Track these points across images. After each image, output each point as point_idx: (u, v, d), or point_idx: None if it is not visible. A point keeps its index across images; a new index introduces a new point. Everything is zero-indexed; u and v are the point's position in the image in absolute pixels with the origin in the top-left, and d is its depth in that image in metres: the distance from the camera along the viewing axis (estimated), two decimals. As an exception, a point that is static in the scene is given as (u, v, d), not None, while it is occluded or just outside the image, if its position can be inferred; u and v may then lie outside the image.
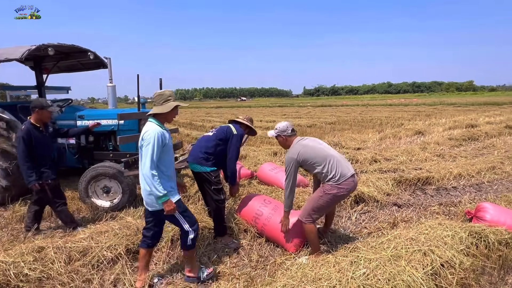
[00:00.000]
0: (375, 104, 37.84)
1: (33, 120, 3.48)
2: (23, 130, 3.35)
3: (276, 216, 3.31)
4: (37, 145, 3.41)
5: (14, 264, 2.67)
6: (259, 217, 3.43)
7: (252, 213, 3.50)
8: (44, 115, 3.52)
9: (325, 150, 2.98)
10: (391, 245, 2.69)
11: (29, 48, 4.32)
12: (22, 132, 3.33)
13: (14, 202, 4.54)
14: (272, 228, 3.29)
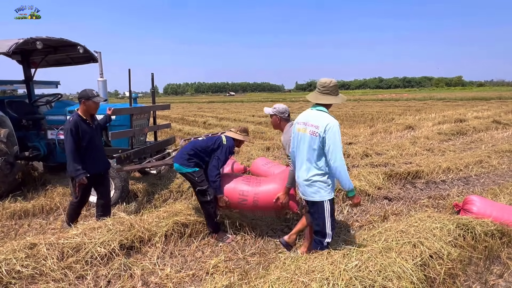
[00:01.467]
0: (367, 99, 38.17)
1: (80, 112, 3.40)
2: (71, 122, 3.27)
3: (264, 186, 3.26)
4: (84, 137, 3.33)
5: (5, 261, 2.64)
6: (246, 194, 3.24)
7: (236, 194, 3.27)
8: (90, 106, 3.41)
9: None
10: (382, 238, 2.76)
11: (17, 41, 4.23)
12: (70, 124, 3.25)
13: (3, 199, 4.47)
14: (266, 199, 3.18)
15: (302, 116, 2.63)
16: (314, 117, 2.49)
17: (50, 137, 4.93)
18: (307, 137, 2.48)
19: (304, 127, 2.52)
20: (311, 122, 2.48)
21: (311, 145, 2.44)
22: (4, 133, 4.50)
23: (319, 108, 2.54)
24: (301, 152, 2.53)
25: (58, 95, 5.85)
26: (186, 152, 3.34)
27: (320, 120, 2.43)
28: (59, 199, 4.48)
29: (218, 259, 3.00)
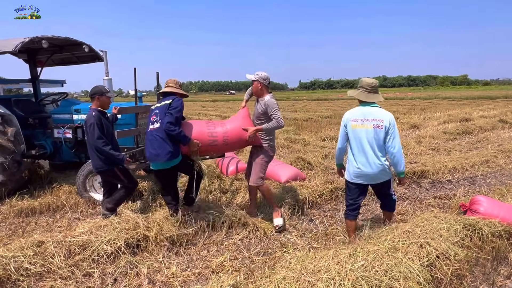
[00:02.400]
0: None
1: (96, 107, 3.48)
2: (95, 116, 3.34)
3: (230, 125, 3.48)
4: (104, 131, 3.41)
5: (14, 259, 2.67)
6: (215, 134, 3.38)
7: (206, 136, 3.36)
8: (104, 101, 3.53)
9: None
10: (388, 238, 2.74)
11: (23, 40, 4.25)
12: (94, 119, 3.31)
13: (11, 196, 4.51)
14: (235, 135, 3.43)
15: (355, 113, 2.92)
16: (373, 113, 2.85)
17: (56, 136, 4.96)
18: (370, 131, 2.81)
19: (364, 123, 2.84)
20: (372, 117, 2.83)
21: (376, 137, 2.80)
22: (11, 132, 4.54)
23: (373, 105, 2.91)
24: (363, 144, 2.84)
25: (63, 93, 5.89)
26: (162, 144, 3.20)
27: (383, 115, 2.83)
28: (65, 197, 4.52)
29: (224, 257, 3.01)
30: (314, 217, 3.96)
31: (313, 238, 3.45)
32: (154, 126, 3.27)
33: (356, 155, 2.90)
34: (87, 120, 3.38)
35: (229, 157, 5.96)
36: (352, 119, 2.92)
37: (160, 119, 3.22)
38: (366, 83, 2.95)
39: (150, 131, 3.30)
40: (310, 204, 4.16)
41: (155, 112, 3.33)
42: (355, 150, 2.90)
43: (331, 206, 4.23)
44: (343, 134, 3.00)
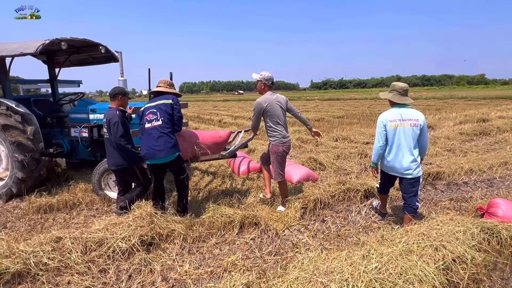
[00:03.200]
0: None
1: (117, 106, 3.62)
2: (118, 115, 3.48)
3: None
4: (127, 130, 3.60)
5: (33, 254, 2.76)
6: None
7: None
8: (125, 101, 3.72)
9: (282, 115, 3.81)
10: (402, 240, 2.70)
11: (43, 42, 4.38)
12: (118, 117, 3.45)
13: (30, 193, 4.65)
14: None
15: (392, 114, 3.23)
16: (409, 113, 3.20)
17: (73, 135, 5.08)
18: (408, 129, 3.15)
19: (401, 122, 3.17)
20: (408, 117, 3.18)
21: (413, 135, 3.15)
22: (30, 131, 4.68)
23: (407, 107, 3.27)
24: (402, 142, 3.17)
25: (80, 93, 6.03)
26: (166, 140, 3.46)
27: (417, 115, 3.20)
28: (81, 195, 4.63)
29: (236, 256, 3.03)
30: (326, 217, 3.93)
31: (325, 239, 3.43)
32: (155, 124, 3.47)
33: (392, 151, 3.23)
34: (111, 119, 3.47)
35: (241, 156, 5.99)
36: (390, 120, 3.21)
37: (161, 117, 3.46)
38: (399, 87, 3.31)
39: (154, 128, 3.47)
40: (322, 205, 4.14)
41: (151, 111, 3.51)
42: (392, 147, 3.23)
43: (344, 207, 4.19)
44: (383, 134, 3.25)
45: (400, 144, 3.17)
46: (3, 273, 2.58)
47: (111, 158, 3.62)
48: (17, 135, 4.54)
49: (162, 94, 3.72)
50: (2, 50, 4.56)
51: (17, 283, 2.60)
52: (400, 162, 3.19)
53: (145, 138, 3.53)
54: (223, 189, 5.00)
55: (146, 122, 3.51)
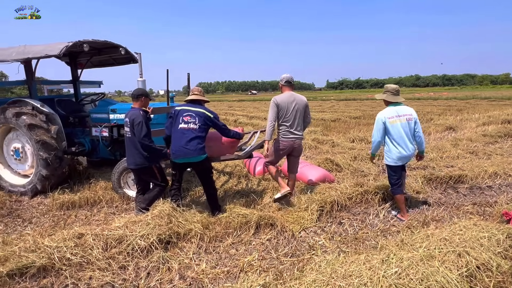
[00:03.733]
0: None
1: (140, 107, 3.75)
2: (142, 115, 3.61)
3: None
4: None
5: (57, 249, 2.86)
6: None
7: None
8: (147, 102, 3.87)
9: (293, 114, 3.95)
10: (423, 245, 2.63)
11: (67, 44, 4.53)
12: (142, 117, 3.58)
13: (53, 190, 4.83)
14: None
15: (390, 112, 3.72)
16: (403, 110, 3.75)
17: (94, 134, 5.23)
18: (405, 123, 3.68)
19: (399, 118, 3.68)
20: (403, 113, 3.72)
21: (409, 127, 3.70)
22: (54, 130, 4.86)
23: (401, 104, 3.82)
24: (403, 134, 3.67)
25: (101, 94, 6.20)
26: (201, 141, 3.65)
27: (410, 110, 3.80)
28: (101, 193, 4.76)
29: (252, 257, 3.04)
30: (343, 220, 3.88)
31: (343, 241, 3.39)
32: (191, 126, 3.66)
33: (398, 144, 3.69)
34: (134, 118, 3.56)
35: (257, 157, 6.00)
36: (389, 117, 3.69)
37: (199, 122, 3.68)
38: (391, 88, 3.87)
39: (189, 130, 3.63)
40: (339, 207, 4.08)
41: (190, 114, 3.70)
42: (396, 140, 3.69)
43: (361, 210, 4.13)
44: (382, 129, 3.73)
45: (401, 136, 3.68)
46: (29, 266, 2.69)
47: (131, 157, 3.70)
48: (42, 134, 4.71)
49: (196, 102, 3.89)
50: (29, 52, 4.74)
51: (42, 277, 2.70)
52: (408, 149, 3.71)
53: (177, 137, 3.65)
54: (239, 189, 5.02)
55: (182, 122, 3.65)
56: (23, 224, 4.06)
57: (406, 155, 3.72)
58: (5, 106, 4.90)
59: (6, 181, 5.13)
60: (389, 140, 3.74)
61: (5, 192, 5.05)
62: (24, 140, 4.96)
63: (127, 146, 3.74)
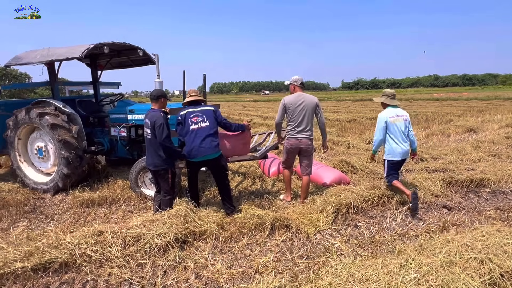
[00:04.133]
0: (420, 98, 35.65)
1: (159, 108, 3.84)
2: (163, 117, 3.68)
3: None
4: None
5: (78, 245, 2.95)
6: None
7: None
8: (166, 103, 3.97)
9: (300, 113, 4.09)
10: (443, 250, 2.57)
11: (88, 47, 4.67)
12: (163, 119, 3.65)
13: (74, 188, 4.98)
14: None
15: (391, 113, 4.16)
16: (400, 111, 4.22)
17: (113, 134, 5.37)
18: (401, 123, 4.13)
19: (397, 118, 4.13)
20: (400, 114, 4.18)
21: (405, 126, 4.15)
22: (75, 129, 5.01)
23: (397, 106, 4.28)
24: (401, 132, 4.11)
25: (120, 95, 6.35)
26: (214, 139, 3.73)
27: (404, 112, 4.26)
28: (120, 191, 4.87)
29: (267, 258, 3.04)
30: (359, 223, 3.83)
31: (359, 244, 3.34)
32: (201, 125, 3.74)
33: (398, 141, 4.11)
34: (155, 120, 3.61)
35: (271, 158, 6.00)
36: (390, 117, 4.13)
37: (208, 119, 3.76)
38: (389, 92, 4.32)
39: (200, 129, 3.71)
40: (355, 209, 4.03)
41: (196, 115, 3.78)
42: (397, 137, 4.11)
43: (378, 213, 4.06)
44: (384, 128, 4.13)
45: (401, 134, 4.12)
46: (52, 262, 2.79)
47: (150, 158, 3.76)
48: (64, 134, 4.87)
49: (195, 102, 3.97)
50: (52, 54, 4.92)
51: (64, 273, 2.79)
52: (406, 146, 4.16)
53: (190, 138, 3.71)
54: (254, 190, 5.03)
55: (191, 124, 3.73)
56: (46, 220, 4.20)
57: (406, 150, 4.16)
58: (29, 107, 5.09)
59: (30, 178, 5.33)
60: (390, 138, 4.14)
61: (29, 189, 5.25)
62: (47, 139, 5.14)
63: (147, 146, 3.80)
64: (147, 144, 3.80)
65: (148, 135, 3.73)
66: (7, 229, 3.88)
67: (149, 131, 3.68)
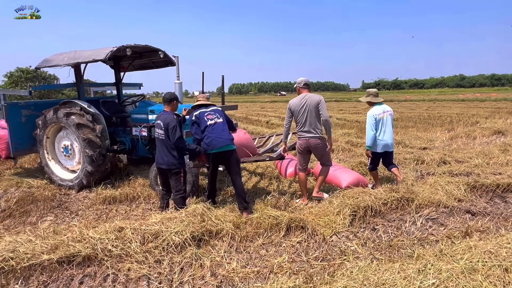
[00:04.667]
0: (444, 99, 34.40)
1: (171, 111, 4.01)
2: (176, 119, 3.85)
3: None
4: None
5: (100, 240, 3.07)
6: None
7: None
8: (177, 106, 4.15)
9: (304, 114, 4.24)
10: (464, 256, 2.48)
11: (112, 49, 4.85)
12: (176, 121, 3.82)
13: (97, 185, 5.18)
14: None
15: (378, 110, 4.67)
16: (386, 107, 4.75)
17: (134, 133, 5.54)
18: (387, 118, 4.64)
19: (384, 114, 4.64)
20: (386, 110, 4.71)
21: (391, 120, 4.68)
22: (99, 129, 5.21)
23: (382, 103, 4.80)
24: (387, 127, 4.62)
25: (141, 96, 6.54)
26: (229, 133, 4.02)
27: (389, 108, 4.79)
28: (140, 189, 5.02)
29: (282, 259, 3.04)
30: (377, 226, 3.76)
31: (376, 248, 3.28)
32: (217, 120, 4.01)
33: (384, 134, 4.61)
34: (169, 123, 3.73)
35: (288, 159, 5.98)
36: (378, 114, 4.63)
37: (221, 116, 4.07)
38: (373, 91, 4.85)
39: (216, 124, 3.97)
40: (373, 212, 3.96)
41: (210, 113, 4.05)
42: (380, 132, 4.62)
43: (397, 216, 3.97)
44: (374, 124, 4.58)
45: (386, 128, 4.61)
46: (76, 255, 2.92)
47: (163, 157, 3.86)
48: (88, 133, 5.08)
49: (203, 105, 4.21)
50: (79, 57, 5.14)
51: (87, 266, 2.91)
52: (391, 139, 4.64)
53: (209, 132, 3.91)
54: (270, 190, 5.04)
55: (208, 121, 3.96)
56: (71, 215, 4.40)
57: (387, 143, 4.63)
58: (57, 107, 5.34)
59: (56, 175, 5.59)
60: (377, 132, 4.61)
61: (55, 186, 5.50)
62: (73, 138, 5.37)
63: (159, 147, 3.90)
64: (158, 144, 3.91)
65: (160, 135, 3.83)
66: (35, 223, 4.09)
67: (162, 132, 3.79)
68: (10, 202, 4.64)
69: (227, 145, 3.93)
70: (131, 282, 2.76)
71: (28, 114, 5.68)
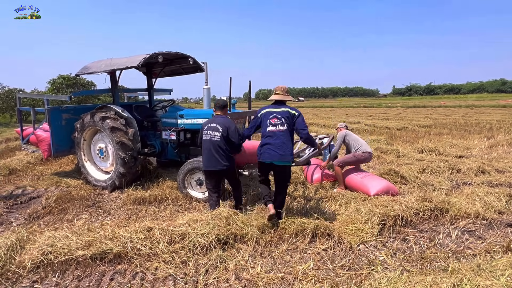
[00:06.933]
0: (483, 105, 32.41)
1: (224, 115, 4.22)
2: (233, 122, 4.05)
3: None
4: None
5: (130, 239, 3.20)
6: None
7: None
8: (227, 111, 4.35)
9: None
10: (505, 273, 2.32)
11: (144, 56, 5.07)
12: (234, 124, 4.02)
13: (128, 186, 5.40)
14: None
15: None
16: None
17: (164, 137, 5.73)
18: None
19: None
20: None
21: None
22: (131, 132, 5.45)
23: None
24: None
25: (171, 101, 6.77)
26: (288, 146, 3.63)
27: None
28: (168, 191, 5.16)
29: (307, 266, 2.99)
30: (407, 236, 3.60)
31: (406, 259, 3.14)
32: (279, 128, 3.67)
33: None
34: (229, 126, 3.93)
35: (314, 164, 5.90)
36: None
37: (286, 123, 3.67)
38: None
39: (278, 132, 3.65)
40: (404, 222, 3.80)
41: (276, 116, 3.72)
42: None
43: (429, 227, 3.78)
44: None
45: None
46: (107, 252, 3.06)
47: (217, 160, 3.87)
48: (121, 136, 5.32)
49: (279, 102, 3.89)
50: (114, 64, 5.43)
51: (117, 263, 3.04)
52: None
53: (267, 140, 3.68)
54: (296, 196, 4.99)
55: (269, 125, 3.69)
56: (104, 214, 4.61)
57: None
58: (93, 111, 5.66)
59: (92, 176, 5.90)
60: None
61: (90, 186, 5.80)
62: (107, 140, 5.65)
63: (210, 149, 3.88)
64: (210, 146, 3.88)
65: (214, 137, 3.88)
66: (72, 220, 4.33)
67: (218, 134, 3.88)
68: (50, 200, 4.95)
69: (277, 161, 3.66)
70: (158, 281, 2.83)
71: (68, 117, 6.05)
